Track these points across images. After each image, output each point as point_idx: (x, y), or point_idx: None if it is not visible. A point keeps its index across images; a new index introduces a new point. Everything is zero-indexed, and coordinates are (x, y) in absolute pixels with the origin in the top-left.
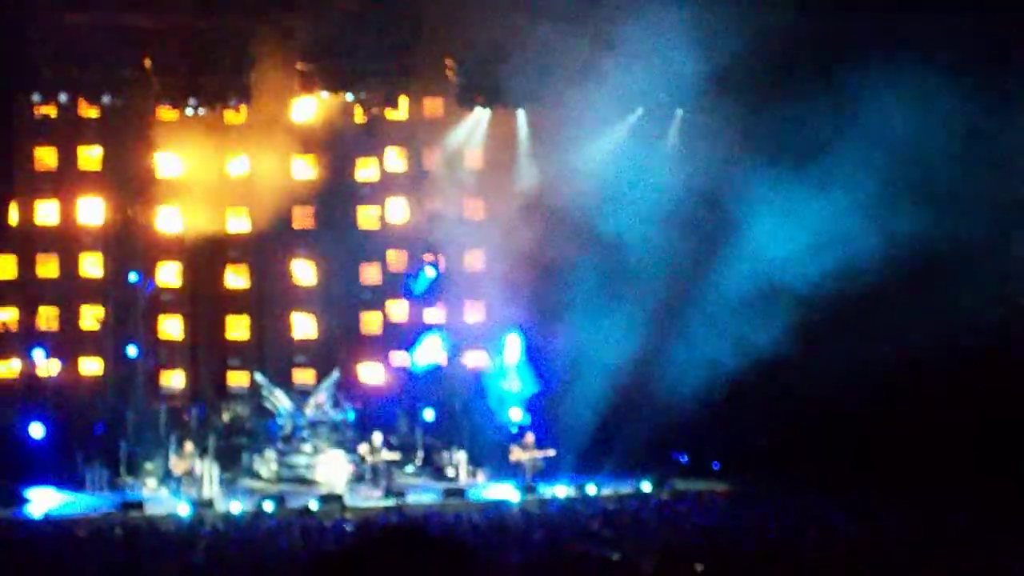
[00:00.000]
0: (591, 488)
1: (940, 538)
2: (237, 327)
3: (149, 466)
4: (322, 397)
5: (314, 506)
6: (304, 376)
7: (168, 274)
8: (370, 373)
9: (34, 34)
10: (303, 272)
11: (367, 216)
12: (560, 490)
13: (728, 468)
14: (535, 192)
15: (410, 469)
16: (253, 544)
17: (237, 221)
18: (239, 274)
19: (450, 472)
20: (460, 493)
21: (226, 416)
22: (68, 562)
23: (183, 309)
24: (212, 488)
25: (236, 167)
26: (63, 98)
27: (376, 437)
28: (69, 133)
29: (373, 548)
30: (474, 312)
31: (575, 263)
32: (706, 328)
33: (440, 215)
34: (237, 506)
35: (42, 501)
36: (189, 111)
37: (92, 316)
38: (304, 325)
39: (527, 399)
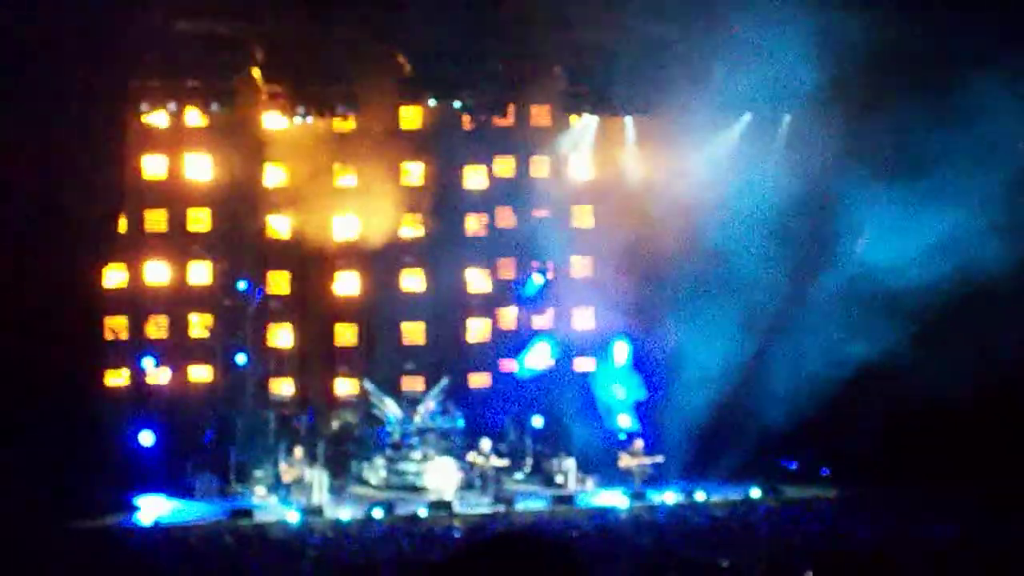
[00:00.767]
0: (700, 495)
1: None
2: (346, 335)
3: (258, 474)
4: (431, 404)
5: (423, 513)
6: (413, 383)
7: (277, 282)
8: (479, 380)
9: (142, 44)
10: (412, 279)
11: (475, 223)
12: (669, 497)
13: (837, 474)
14: (642, 199)
15: (519, 476)
16: (362, 551)
17: (345, 229)
18: (348, 282)
19: (559, 479)
20: (569, 500)
21: (335, 423)
22: (178, 570)
23: (292, 317)
24: (321, 495)
25: (344, 175)
26: (171, 107)
27: (485, 444)
28: (177, 142)
29: (484, 554)
30: (582, 319)
31: (682, 269)
32: (814, 334)
33: (548, 222)
34: (346, 513)
35: (152, 509)
36: (297, 119)
37: (201, 324)
38: (413, 332)
39: (635, 405)
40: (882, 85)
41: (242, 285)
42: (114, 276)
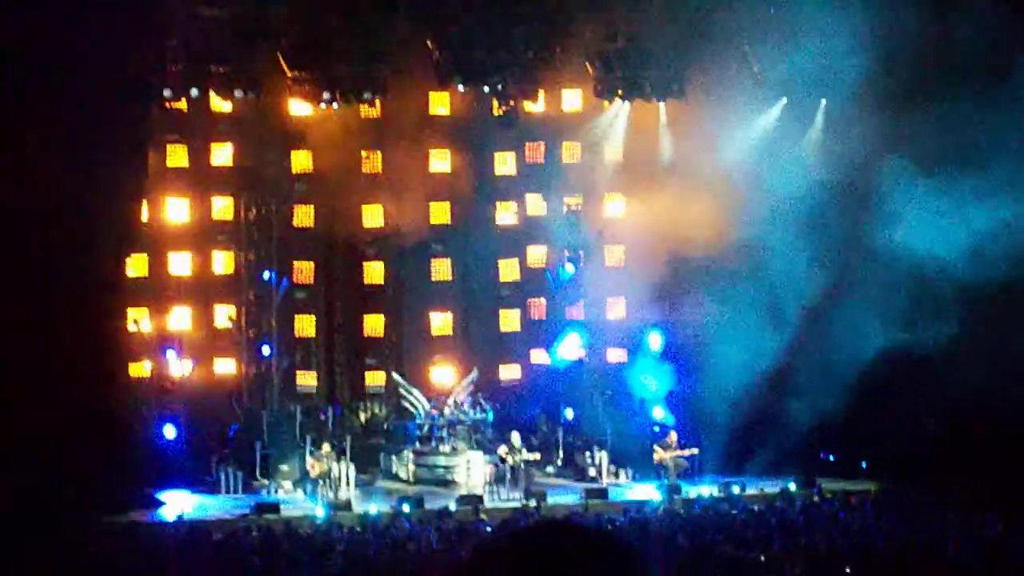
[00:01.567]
0: (736, 488)
1: None
2: (373, 326)
3: (284, 468)
4: (461, 396)
5: (453, 507)
6: (442, 375)
7: (303, 272)
8: (509, 372)
9: (165, 29)
10: (440, 268)
11: (505, 211)
12: (704, 490)
13: (876, 468)
14: (675, 185)
15: (550, 470)
16: (391, 547)
17: (372, 217)
18: (375, 271)
19: (591, 472)
20: (602, 494)
21: (363, 416)
22: (203, 566)
23: (318, 307)
24: (349, 490)
25: (371, 163)
26: (194, 93)
27: (515, 437)
28: (201, 129)
29: (525, 543)
30: (615, 308)
31: (717, 258)
32: (853, 325)
33: (579, 210)
34: (374, 508)
35: (176, 504)
36: (323, 105)
37: (225, 315)
38: (442, 323)
39: (669, 397)
40: (924, 72)
41: (267, 275)
42: (135, 266)
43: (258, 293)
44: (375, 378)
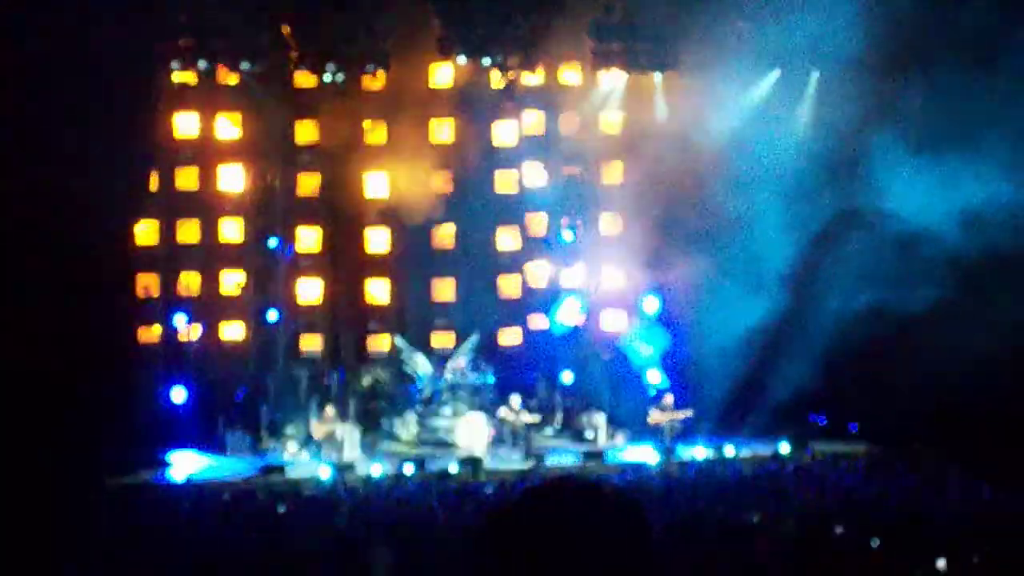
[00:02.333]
0: (729, 450)
1: None
2: (377, 292)
3: (290, 430)
4: (462, 360)
5: (454, 469)
6: (443, 340)
7: (307, 239)
8: (509, 336)
9: (172, 1)
10: (442, 236)
11: (505, 180)
12: (699, 452)
13: (866, 430)
14: (671, 155)
15: (549, 432)
16: (394, 507)
17: (376, 185)
18: (378, 238)
19: (589, 435)
20: (599, 456)
21: (366, 380)
22: (211, 526)
23: (322, 274)
24: (353, 452)
25: (374, 132)
26: (202, 65)
27: (515, 400)
28: (208, 100)
29: (546, 500)
30: (612, 275)
31: (712, 225)
32: (843, 290)
33: (577, 179)
34: (378, 469)
35: (184, 465)
36: (327, 77)
37: (233, 282)
38: (443, 289)
39: (665, 361)
40: (917, 44)
41: (273, 242)
42: (145, 233)
43: (264, 260)
44: (378, 342)
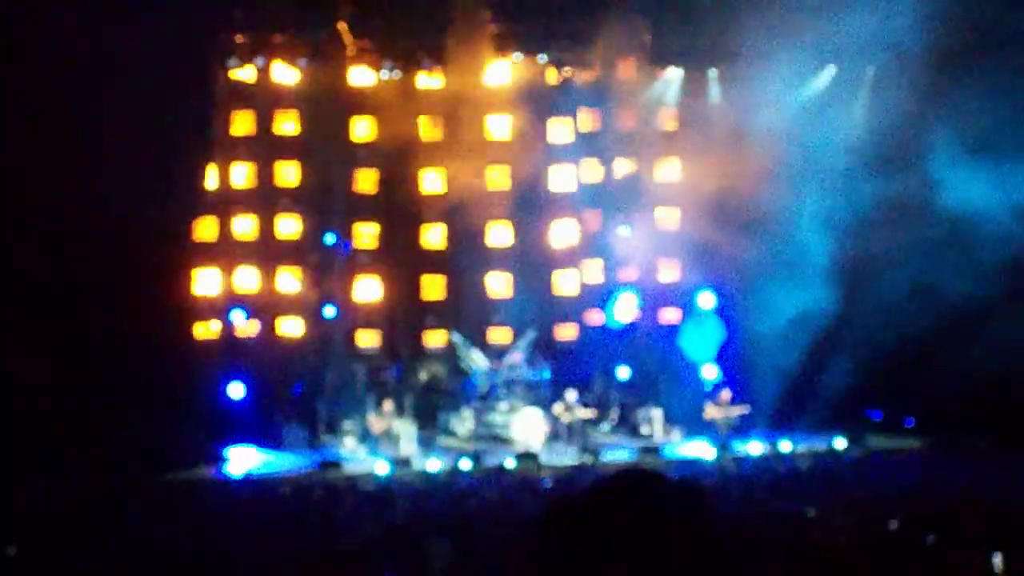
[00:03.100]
0: (785, 445)
1: None
2: (433, 287)
3: (347, 425)
4: (518, 356)
5: (510, 464)
6: (500, 335)
7: (365, 235)
8: (565, 332)
9: None
10: (498, 232)
11: (561, 176)
12: (754, 447)
13: (922, 425)
14: (727, 150)
15: (605, 427)
16: (451, 502)
17: (432, 182)
18: (435, 235)
19: (645, 430)
20: (655, 451)
21: (423, 375)
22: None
23: (379, 270)
24: (410, 447)
25: (431, 129)
26: (259, 62)
27: (571, 395)
28: (265, 97)
29: (611, 492)
30: (668, 270)
31: (768, 220)
32: (899, 284)
33: (634, 175)
34: (435, 464)
35: (242, 460)
36: (384, 74)
37: (291, 277)
38: (499, 284)
39: (721, 356)
40: (974, 40)
41: (330, 239)
42: (204, 230)
43: (322, 256)
44: (435, 338)
